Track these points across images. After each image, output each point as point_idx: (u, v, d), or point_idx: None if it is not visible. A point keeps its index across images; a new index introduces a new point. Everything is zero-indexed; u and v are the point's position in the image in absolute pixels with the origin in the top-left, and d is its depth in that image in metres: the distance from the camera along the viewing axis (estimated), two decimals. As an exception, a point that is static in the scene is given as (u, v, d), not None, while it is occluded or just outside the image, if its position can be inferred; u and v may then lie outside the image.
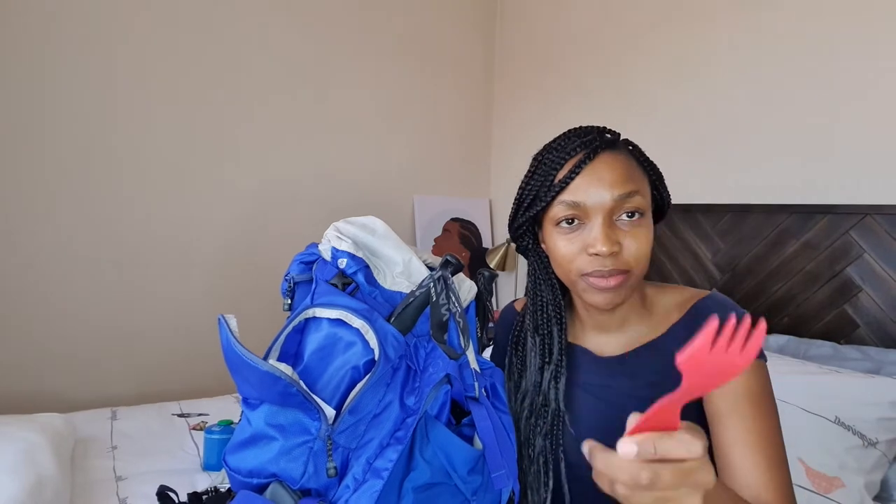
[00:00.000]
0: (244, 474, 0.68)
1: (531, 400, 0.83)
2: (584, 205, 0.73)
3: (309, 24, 2.47)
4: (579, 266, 0.75)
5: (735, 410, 0.72)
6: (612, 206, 0.72)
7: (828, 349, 1.54)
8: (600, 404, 0.81)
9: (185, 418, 1.82)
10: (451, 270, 0.75)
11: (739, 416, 0.72)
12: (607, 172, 0.73)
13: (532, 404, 0.82)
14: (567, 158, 0.75)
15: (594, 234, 0.73)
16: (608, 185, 0.72)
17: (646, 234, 0.74)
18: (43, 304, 2.03)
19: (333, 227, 0.78)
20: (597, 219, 0.73)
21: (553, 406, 0.80)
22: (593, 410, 0.81)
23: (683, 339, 0.74)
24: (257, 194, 2.40)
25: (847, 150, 1.64)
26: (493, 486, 0.73)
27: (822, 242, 1.63)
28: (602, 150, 0.75)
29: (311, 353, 0.69)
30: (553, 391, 0.81)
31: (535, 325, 0.85)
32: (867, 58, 1.60)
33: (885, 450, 1.29)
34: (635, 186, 0.74)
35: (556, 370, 0.82)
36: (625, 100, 2.29)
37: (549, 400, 0.81)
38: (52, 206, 2.03)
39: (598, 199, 0.72)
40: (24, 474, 1.20)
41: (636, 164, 0.77)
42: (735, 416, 0.72)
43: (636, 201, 0.73)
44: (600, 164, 0.74)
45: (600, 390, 0.82)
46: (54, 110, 2.02)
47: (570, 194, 0.74)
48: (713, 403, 0.75)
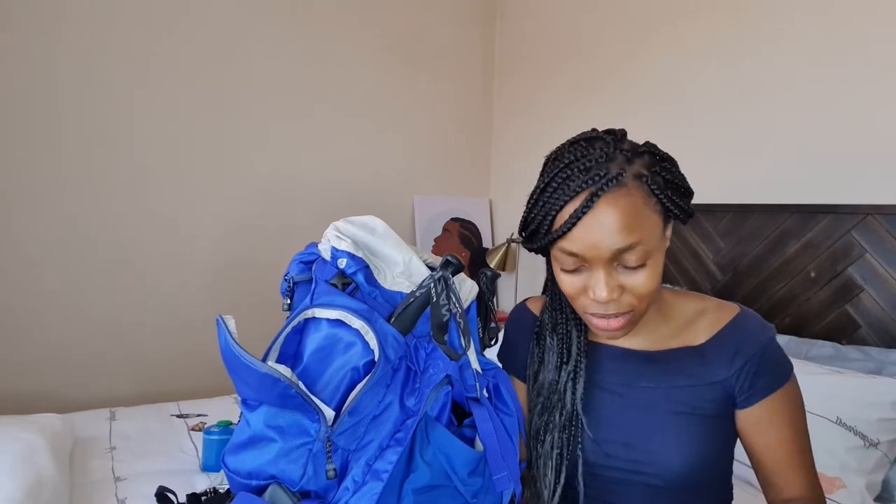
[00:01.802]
0: (243, 476, 0.68)
1: (546, 396, 0.83)
2: (582, 254, 0.70)
3: (309, 24, 2.46)
4: (583, 304, 0.75)
5: (774, 421, 0.79)
6: (611, 257, 0.69)
7: (829, 349, 1.53)
8: (621, 401, 0.81)
9: (183, 419, 1.82)
10: (452, 271, 0.75)
11: (779, 430, 0.79)
12: (607, 220, 0.67)
13: (547, 400, 0.83)
14: (567, 199, 0.69)
15: (594, 281, 0.71)
16: (607, 237, 0.68)
17: (650, 273, 0.71)
18: (42, 304, 2.03)
19: (333, 226, 0.78)
20: (597, 266, 0.70)
21: (569, 407, 0.80)
22: (612, 410, 0.81)
23: (725, 353, 0.78)
24: (257, 194, 2.40)
25: (848, 150, 1.64)
26: (494, 488, 0.72)
27: (824, 242, 1.63)
28: (605, 191, 0.67)
29: (310, 353, 0.69)
30: (570, 392, 0.80)
31: (553, 323, 0.85)
32: (868, 57, 1.59)
33: (887, 450, 1.29)
34: (637, 236, 0.68)
35: (574, 371, 0.81)
36: (625, 100, 2.28)
37: (566, 401, 0.81)
38: (52, 206, 2.03)
39: (596, 251, 0.69)
40: (22, 475, 1.20)
41: (645, 198, 0.69)
42: (775, 427, 0.79)
43: (637, 253, 0.69)
44: (600, 212, 0.67)
45: (622, 388, 0.81)
46: (54, 110, 2.01)
47: (567, 243, 0.70)
48: (752, 415, 0.79)
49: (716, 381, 0.78)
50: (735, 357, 0.78)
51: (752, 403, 0.78)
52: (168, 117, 2.20)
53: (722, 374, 0.78)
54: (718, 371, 0.78)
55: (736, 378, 0.77)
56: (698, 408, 0.78)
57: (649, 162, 0.71)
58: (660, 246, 0.72)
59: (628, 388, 0.81)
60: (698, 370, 0.79)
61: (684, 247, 1.95)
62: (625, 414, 0.80)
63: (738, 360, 0.77)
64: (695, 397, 0.78)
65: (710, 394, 0.78)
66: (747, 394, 0.78)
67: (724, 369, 0.78)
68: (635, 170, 0.70)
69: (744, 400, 0.78)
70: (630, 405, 0.80)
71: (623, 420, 0.80)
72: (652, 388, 0.80)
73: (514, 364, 0.92)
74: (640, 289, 0.71)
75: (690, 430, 0.77)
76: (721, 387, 0.78)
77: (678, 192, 0.73)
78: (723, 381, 0.78)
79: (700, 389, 0.78)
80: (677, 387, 0.79)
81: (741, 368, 0.77)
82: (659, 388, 0.80)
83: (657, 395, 0.79)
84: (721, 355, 0.78)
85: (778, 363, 0.79)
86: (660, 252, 0.72)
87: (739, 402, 0.78)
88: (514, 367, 0.92)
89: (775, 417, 0.78)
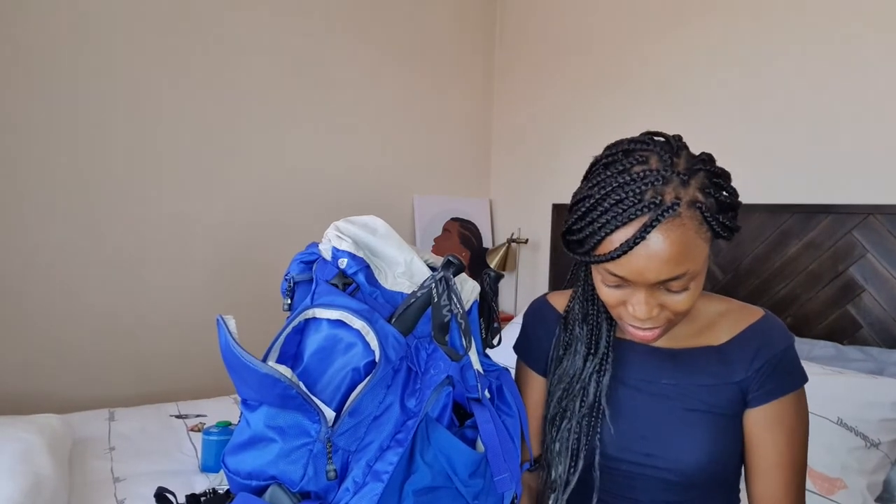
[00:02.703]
0: (243, 476, 0.67)
1: (567, 383, 0.84)
2: (627, 278, 0.70)
3: (309, 24, 2.46)
4: (619, 313, 0.76)
5: (773, 426, 0.78)
6: (655, 283, 0.69)
7: (831, 350, 1.53)
8: (640, 396, 0.82)
9: (182, 419, 1.81)
10: (453, 271, 0.75)
11: (774, 436, 0.78)
12: (659, 252, 0.66)
13: (569, 386, 0.83)
14: (619, 225, 0.66)
15: (635, 299, 0.72)
16: (655, 268, 0.67)
17: (692, 296, 0.71)
18: (42, 304, 2.03)
19: (334, 226, 0.77)
20: (640, 288, 0.71)
21: (591, 398, 0.81)
22: (631, 404, 0.82)
23: (745, 354, 0.79)
24: (257, 194, 2.39)
25: (850, 150, 1.64)
26: (495, 489, 0.72)
27: (825, 242, 1.62)
28: (660, 222, 0.65)
29: (310, 354, 0.68)
30: (594, 385, 0.82)
31: (584, 314, 0.85)
32: (869, 57, 1.59)
33: (888, 451, 1.28)
34: (685, 267, 0.67)
35: (601, 364, 0.83)
36: (625, 100, 2.28)
37: (589, 392, 0.82)
38: (52, 206, 2.03)
39: (642, 278, 0.69)
40: (21, 475, 1.20)
41: (696, 229, 0.67)
42: (772, 433, 0.78)
43: (683, 281, 0.69)
44: (653, 243, 0.66)
45: (643, 384, 0.83)
46: (54, 110, 2.01)
47: (615, 267, 0.69)
48: (755, 416, 0.79)
49: (734, 382, 0.79)
50: (755, 358, 0.79)
51: (758, 405, 0.79)
52: (168, 117, 2.20)
53: (741, 375, 0.79)
54: (738, 371, 0.79)
55: (753, 379, 0.79)
56: (716, 406, 0.79)
57: (704, 182, 0.68)
58: (703, 269, 0.72)
59: (649, 383, 0.82)
60: (718, 369, 0.80)
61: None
62: (643, 409, 0.81)
63: (757, 362, 0.79)
64: (713, 396, 0.79)
65: (729, 393, 0.79)
66: (756, 393, 0.79)
67: (744, 370, 0.79)
68: (690, 195, 0.67)
69: (752, 400, 0.79)
70: (649, 400, 0.82)
71: (641, 415, 0.81)
72: (672, 384, 0.81)
73: (532, 356, 0.93)
74: (679, 307, 0.72)
75: (706, 427, 0.78)
76: (739, 387, 0.79)
77: (729, 212, 0.70)
78: (741, 381, 0.79)
79: (719, 388, 0.80)
80: (697, 385, 0.80)
81: (759, 370, 0.78)
82: (679, 386, 0.81)
83: (676, 392, 0.81)
84: (742, 356, 0.80)
85: (791, 370, 0.80)
86: (703, 275, 0.72)
87: (749, 401, 0.79)
88: (532, 360, 0.93)
89: (775, 423, 0.78)
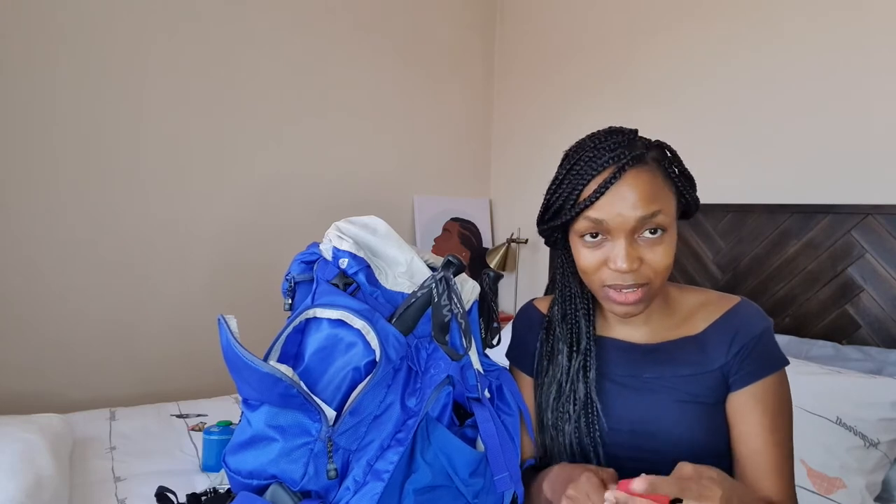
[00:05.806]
0: (244, 475, 0.68)
1: (559, 385, 0.85)
2: (607, 223, 0.75)
3: (309, 24, 2.46)
4: (601, 277, 0.78)
5: (755, 409, 0.79)
6: (634, 226, 0.74)
7: (829, 349, 1.53)
8: (627, 392, 0.83)
9: (183, 419, 1.81)
10: (454, 271, 0.75)
11: (758, 417, 0.79)
12: (632, 192, 0.74)
13: (560, 390, 0.85)
14: (594, 174, 0.76)
15: (616, 251, 0.75)
16: (631, 206, 0.74)
17: (667, 248, 0.76)
18: (42, 304, 2.03)
19: (335, 226, 0.78)
20: (619, 236, 0.75)
21: (582, 397, 0.83)
22: (620, 400, 0.83)
23: (723, 340, 0.81)
24: (257, 194, 2.40)
25: (848, 150, 1.64)
26: (495, 488, 0.72)
27: (824, 242, 1.63)
28: (630, 166, 0.75)
29: (311, 353, 0.69)
30: (582, 382, 0.83)
31: (563, 314, 0.89)
32: (868, 57, 1.59)
33: (887, 450, 1.28)
34: (659, 206, 0.75)
35: (584, 360, 0.84)
36: (625, 100, 2.28)
37: (579, 390, 0.83)
38: (52, 206, 2.03)
39: (621, 219, 0.74)
40: (22, 475, 1.20)
41: (663, 177, 0.78)
42: (755, 415, 0.79)
43: (658, 220, 0.75)
44: (626, 184, 0.75)
45: (628, 379, 0.84)
46: (54, 110, 2.01)
47: (594, 211, 0.76)
48: (736, 401, 0.80)
49: (715, 368, 0.81)
50: (732, 343, 0.80)
51: (739, 388, 0.80)
52: (168, 118, 2.20)
53: (720, 361, 0.81)
54: (717, 357, 0.81)
55: (732, 363, 0.80)
56: (700, 395, 0.80)
57: (663, 153, 0.80)
58: (674, 224, 0.79)
59: (633, 378, 0.84)
60: (698, 358, 0.82)
61: (684, 247, 1.95)
62: (631, 403, 0.83)
63: (735, 346, 0.80)
64: (696, 385, 0.81)
65: (711, 381, 0.80)
66: (736, 377, 0.80)
67: (723, 356, 0.80)
68: (653, 154, 0.78)
69: (733, 384, 0.80)
70: (636, 395, 0.83)
71: (629, 409, 0.82)
72: (656, 378, 0.82)
73: (524, 360, 0.94)
74: (658, 263, 0.76)
75: (694, 418, 0.79)
76: (720, 373, 0.81)
77: (687, 181, 0.82)
78: (721, 366, 0.80)
79: (701, 377, 0.81)
80: (679, 376, 0.82)
81: (737, 354, 0.80)
82: (663, 378, 0.82)
83: (661, 386, 0.82)
84: (720, 342, 0.81)
85: (769, 352, 0.81)
86: (674, 230, 0.78)
87: (730, 385, 0.81)
88: (524, 364, 0.94)
89: (757, 406, 0.79)
